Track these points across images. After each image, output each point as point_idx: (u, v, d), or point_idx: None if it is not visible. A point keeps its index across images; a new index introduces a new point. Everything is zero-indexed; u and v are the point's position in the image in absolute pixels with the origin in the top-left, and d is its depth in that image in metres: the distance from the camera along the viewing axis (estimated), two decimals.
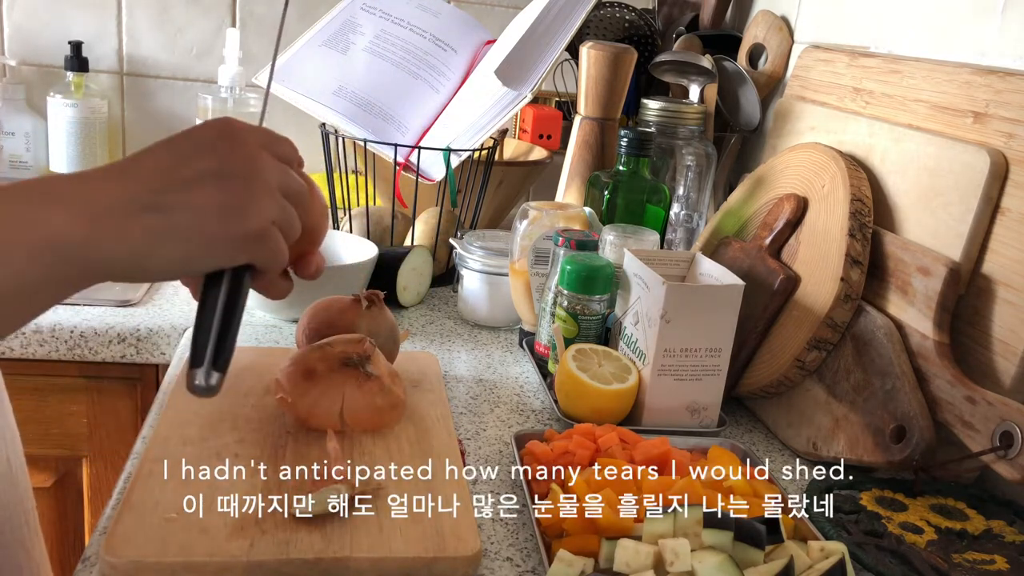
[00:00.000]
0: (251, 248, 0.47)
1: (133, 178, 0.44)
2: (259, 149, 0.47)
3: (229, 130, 0.47)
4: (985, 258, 0.71)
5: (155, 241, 0.43)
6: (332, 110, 1.07)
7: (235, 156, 0.46)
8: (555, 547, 0.56)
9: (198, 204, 0.44)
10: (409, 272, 1.02)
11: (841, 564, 0.53)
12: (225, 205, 0.45)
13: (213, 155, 0.45)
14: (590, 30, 1.26)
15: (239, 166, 0.46)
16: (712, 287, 0.77)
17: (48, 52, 1.34)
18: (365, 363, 0.69)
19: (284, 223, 0.49)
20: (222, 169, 0.45)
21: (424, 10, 1.17)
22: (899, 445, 0.69)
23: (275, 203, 0.47)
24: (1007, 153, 0.70)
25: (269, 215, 0.47)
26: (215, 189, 0.45)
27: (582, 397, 0.76)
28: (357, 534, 0.56)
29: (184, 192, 0.44)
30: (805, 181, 0.86)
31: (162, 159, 0.45)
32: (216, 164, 0.45)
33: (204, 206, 0.44)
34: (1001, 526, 0.66)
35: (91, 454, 0.98)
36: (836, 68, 0.95)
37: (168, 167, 0.45)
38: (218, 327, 0.47)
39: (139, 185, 0.43)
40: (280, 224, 0.48)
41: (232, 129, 0.47)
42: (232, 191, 0.45)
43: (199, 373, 0.45)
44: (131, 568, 0.52)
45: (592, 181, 1.02)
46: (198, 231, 0.44)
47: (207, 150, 0.45)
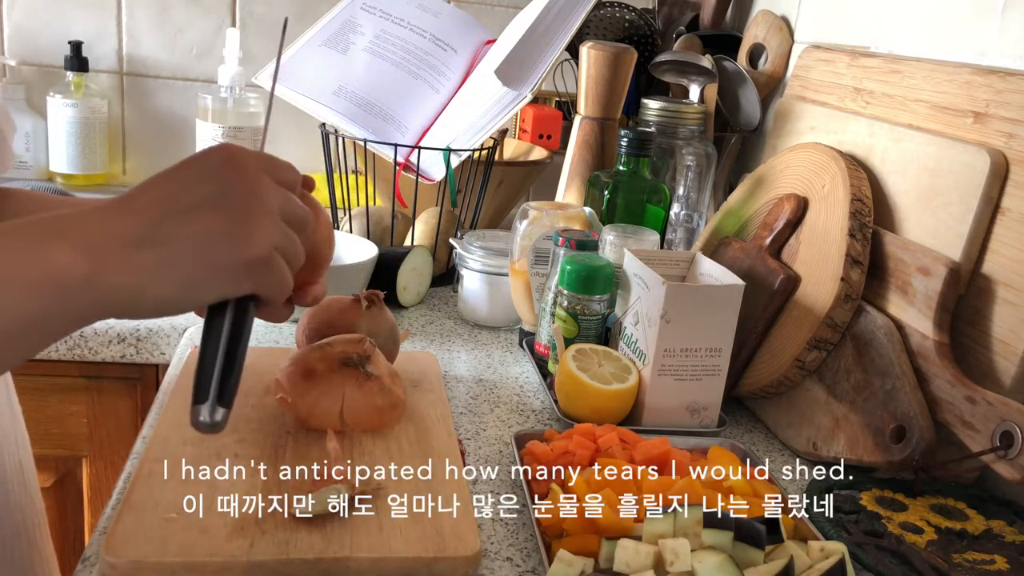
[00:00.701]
0: (254, 276, 0.46)
1: (135, 211, 0.43)
2: (260, 174, 0.46)
3: (230, 156, 0.46)
4: (985, 258, 0.71)
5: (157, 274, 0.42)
6: (332, 110, 1.07)
7: (235, 181, 0.45)
8: (555, 547, 0.56)
9: (198, 231, 0.43)
10: (409, 272, 1.02)
11: (841, 564, 0.53)
12: (225, 231, 0.44)
13: (213, 181, 0.45)
14: (590, 30, 1.26)
15: (239, 191, 0.45)
16: (712, 287, 0.77)
17: (48, 52, 1.34)
18: (365, 363, 0.69)
19: (286, 250, 0.47)
20: (222, 194, 0.44)
21: (424, 10, 1.17)
22: (899, 445, 0.69)
23: (277, 228, 0.46)
24: (1007, 153, 0.70)
25: (271, 241, 0.46)
26: (214, 215, 0.44)
27: (582, 397, 0.76)
28: (357, 534, 0.56)
29: (184, 220, 0.43)
30: (805, 181, 0.86)
31: (163, 188, 0.44)
32: (216, 189, 0.44)
33: (204, 233, 0.43)
34: (1001, 526, 0.66)
35: (91, 454, 0.99)
36: (836, 68, 0.95)
37: (169, 196, 0.44)
38: (222, 361, 0.45)
39: (140, 217, 0.43)
40: (282, 250, 0.47)
41: (233, 155, 0.46)
42: (232, 217, 0.44)
43: (204, 410, 0.44)
44: (131, 568, 0.52)
45: (592, 181, 1.02)
46: (199, 260, 0.44)
47: (208, 176, 0.45)
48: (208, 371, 0.45)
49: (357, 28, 1.14)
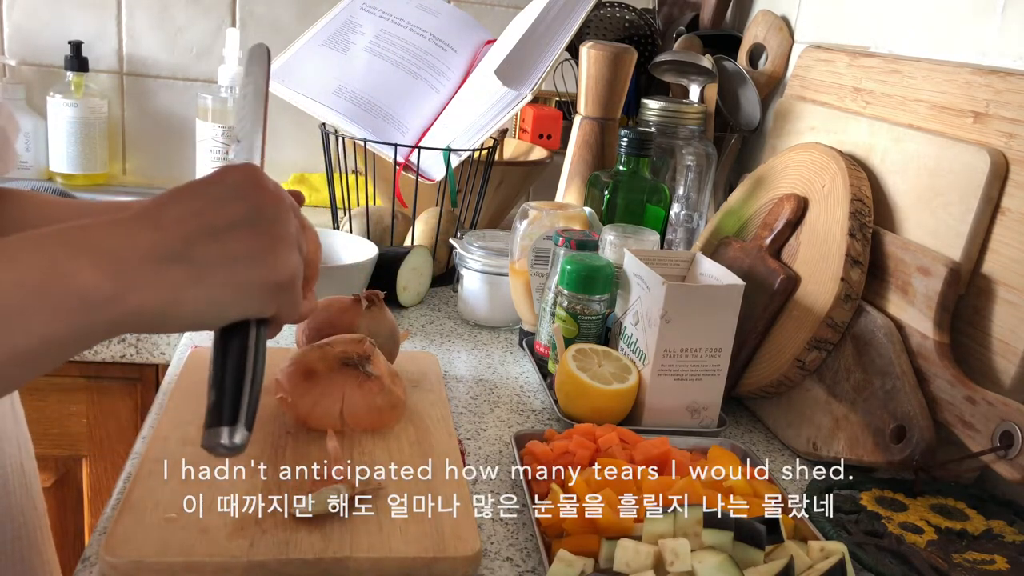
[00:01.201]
0: (279, 298, 0.46)
1: (161, 226, 0.43)
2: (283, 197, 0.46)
3: (256, 177, 0.46)
4: (985, 258, 0.71)
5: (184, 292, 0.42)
6: (332, 110, 1.07)
7: (265, 203, 0.45)
8: (555, 547, 0.56)
9: (231, 253, 0.43)
10: (409, 272, 1.02)
11: (841, 564, 0.53)
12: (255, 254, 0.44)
13: (243, 201, 0.44)
14: (590, 30, 1.26)
15: (269, 214, 0.45)
16: (712, 287, 0.77)
17: (48, 52, 1.34)
18: (365, 363, 0.69)
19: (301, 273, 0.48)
20: (254, 216, 0.44)
21: (424, 10, 1.17)
22: (899, 445, 0.69)
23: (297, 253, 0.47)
24: (1007, 153, 0.70)
25: (295, 264, 0.46)
26: (247, 235, 0.44)
27: (582, 397, 0.76)
28: (357, 534, 0.56)
29: (216, 239, 0.43)
30: (805, 181, 0.86)
31: (190, 205, 0.44)
32: (247, 210, 0.44)
33: (237, 255, 0.43)
34: (1001, 526, 0.66)
35: (91, 454, 0.99)
36: (836, 68, 0.95)
37: (197, 213, 0.43)
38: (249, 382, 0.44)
39: (168, 233, 0.42)
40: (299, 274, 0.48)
41: (259, 176, 0.46)
42: (263, 240, 0.44)
43: (224, 432, 0.42)
44: (131, 568, 0.52)
45: (592, 181, 1.02)
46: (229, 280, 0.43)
47: (238, 196, 0.44)
48: (232, 392, 0.43)
49: (357, 28, 1.14)
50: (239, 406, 0.43)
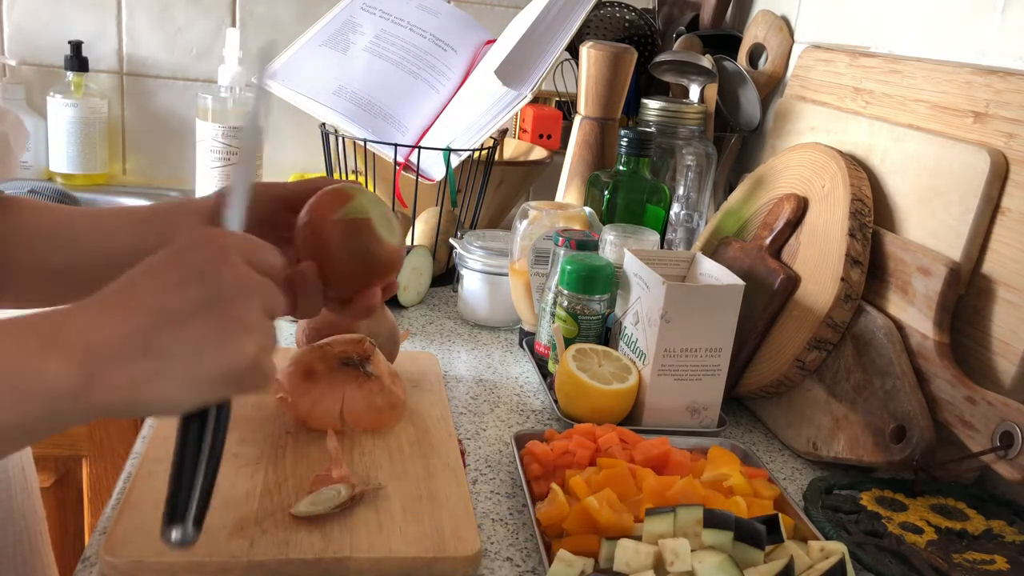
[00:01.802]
0: (243, 381, 0.45)
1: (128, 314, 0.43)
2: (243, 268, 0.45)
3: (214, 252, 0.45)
4: (985, 258, 0.71)
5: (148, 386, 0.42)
6: (332, 110, 1.07)
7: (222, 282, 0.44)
8: (555, 547, 0.56)
9: (188, 343, 0.43)
10: (409, 272, 1.02)
11: (841, 564, 0.53)
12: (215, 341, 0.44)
13: (200, 284, 0.44)
14: (590, 30, 1.26)
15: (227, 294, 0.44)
16: (712, 287, 0.77)
17: (48, 52, 1.34)
18: (365, 363, 0.69)
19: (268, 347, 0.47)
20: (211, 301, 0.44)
21: (424, 10, 1.17)
22: (899, 445, 0.69)
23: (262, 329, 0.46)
24: (1007, 153, 0.70)
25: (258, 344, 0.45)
26: (204, 324, 0.43)
27: (582, 397, 0.76)
28: (357, 534, 0.56)
29: (178, 327, 0.43)
30: (805, 181, 0.86)
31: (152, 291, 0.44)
32: (204, 296, 0.44)
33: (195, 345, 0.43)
34: (1001, 526, 0.66)
35: (91, 454, 0.98)
36: (836, 68, 0.95)
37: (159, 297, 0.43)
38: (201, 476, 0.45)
39: (133, 324, 0.42)
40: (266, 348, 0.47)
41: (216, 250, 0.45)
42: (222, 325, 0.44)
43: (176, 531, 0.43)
44: (131, 568, 0.52)
45: (592, 181, 1.02)
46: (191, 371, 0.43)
47: (194, 278, 0.44)
48: (185, 488, 0.44)
49: (357, 28, 1.14)
50: (188, 504, 0.44)
